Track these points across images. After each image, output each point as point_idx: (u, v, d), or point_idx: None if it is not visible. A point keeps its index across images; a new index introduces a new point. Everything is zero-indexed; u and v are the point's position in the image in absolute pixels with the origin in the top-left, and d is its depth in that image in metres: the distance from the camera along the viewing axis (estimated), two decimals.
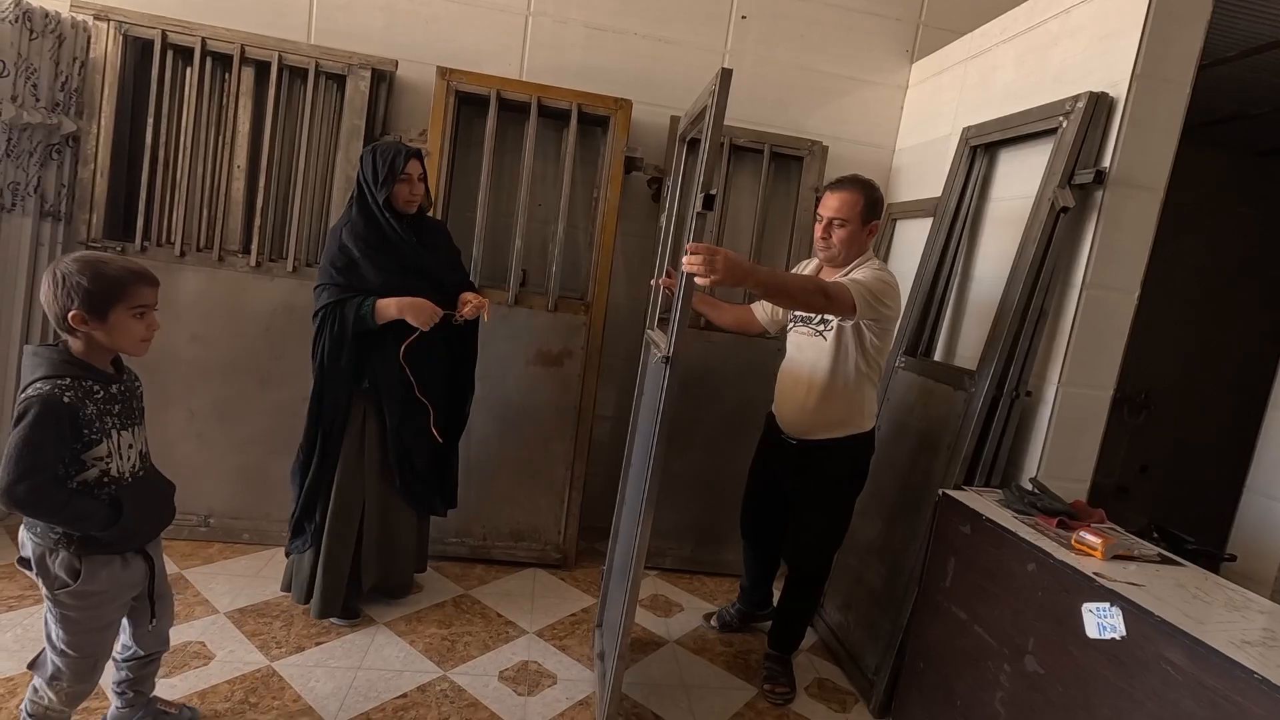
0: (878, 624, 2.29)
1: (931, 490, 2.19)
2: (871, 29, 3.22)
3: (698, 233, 1.66)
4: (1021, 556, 1.66)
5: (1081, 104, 1.96)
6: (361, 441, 2.17)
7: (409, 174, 2.08)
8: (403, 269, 2.11)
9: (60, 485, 1.34)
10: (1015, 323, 2.04)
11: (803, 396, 2.09)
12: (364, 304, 2.04)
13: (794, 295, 1.85)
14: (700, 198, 1.62)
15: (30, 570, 1.42)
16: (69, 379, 1.34)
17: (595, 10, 3.04)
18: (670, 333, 1.71)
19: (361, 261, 2.08)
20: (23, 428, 1.29)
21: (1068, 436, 2.08)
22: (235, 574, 2.48)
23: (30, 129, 2.51)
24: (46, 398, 1.30)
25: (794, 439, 2.14)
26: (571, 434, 2.87)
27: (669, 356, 1.69)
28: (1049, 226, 2.00)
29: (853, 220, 1.99)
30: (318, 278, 2.16)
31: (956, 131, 2.73)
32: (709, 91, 1.77)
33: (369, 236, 2.09)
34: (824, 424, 2.08)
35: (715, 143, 1.66)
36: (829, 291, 1.83)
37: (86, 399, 1.35)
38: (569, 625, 2.46)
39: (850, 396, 2.05)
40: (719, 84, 1.65)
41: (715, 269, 1.57)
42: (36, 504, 1.31)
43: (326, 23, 2.89)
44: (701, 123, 1.97)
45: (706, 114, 1.72)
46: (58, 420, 1.30)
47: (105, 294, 1.35)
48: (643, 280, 3.16)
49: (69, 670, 1.45)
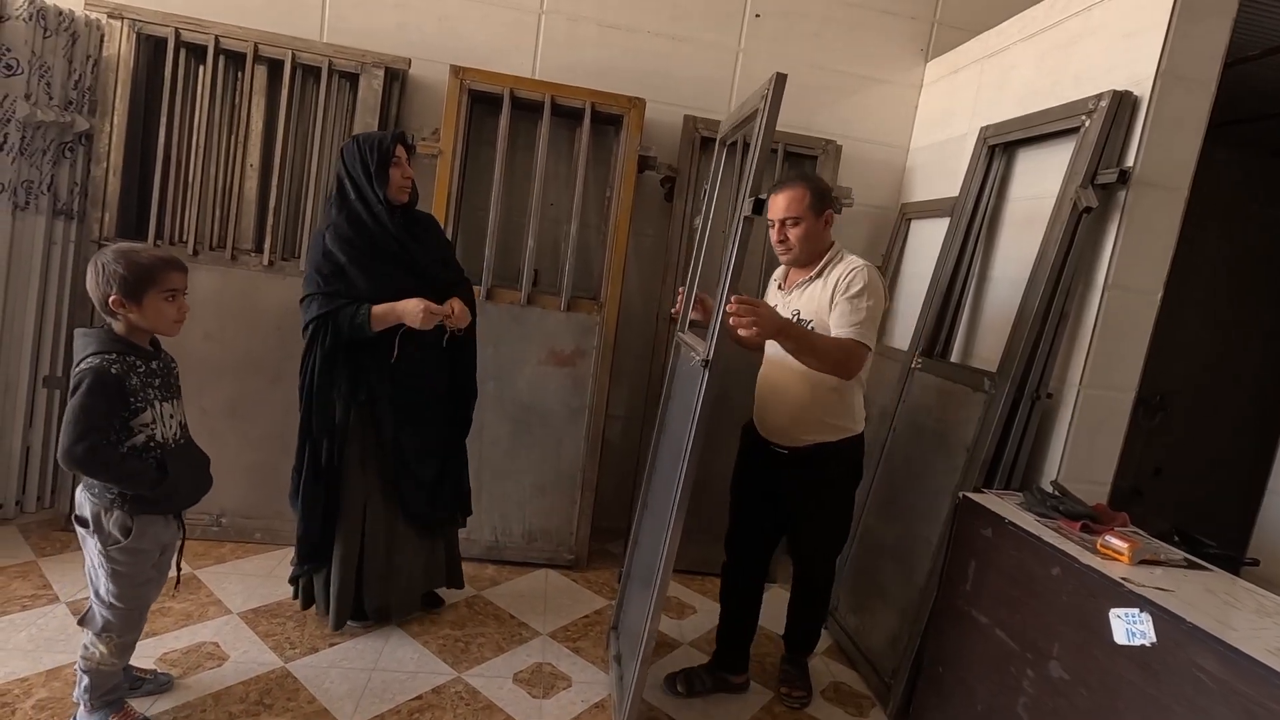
0: (894, 627, 2.27)
1: (948, 492, 2.17)
2: (886, 27, 3.19)
3: (743, 238, 1.65)
4: (1045, 561, 1.64)
5: (1105, 103, 1.94)
6: (363, 459, 2.07)
7: (399, 158, 2.00)
8: (393, 269, 2.00)
9: (113, 447, 1.50)
10: (1036, 324, 2.02)
11: (790, 402, 1.99)
12: (359, 312, 1.93)
13: (820, 356, 1.79)
14: (750, 201, 1.61)
15: (86, 528, 1.56)
16: (115, 354, 1.52)
17: (608, 9, 3.02)
18: (710, 335, 1.71)
19: (349, 267, 1.96)
20: (79, 396, 1.46)
21: (1088, 439, 2.05)
22: (248, 574, 2.48)
23: (43, 127, 2.51)
24: (97, 369, 1.48)
25: (784, 447, 2.02)
26: (584, 434, 2.85)
27: (708, 359, 1.68)
28: (1071, 227, 1.98)
29: (805, 215, 1.92)
30: (303, 287, 2.04)
31: (973, 130, 2.71)
32: (760, 95, 1.76)
33: (355, 239, 1.97)
34: (816, 428, 1.98)
35: (766, 148, 1.67)
36: (851, 349, 1.81)
37: (131, 372, 1.53)
38: (582, 627, 2.44)
39: (838, 398, 1.96)
40: (772, 88, 1.64)
41: (757, 323, 1.62)
42: (93, 463, 1.47)
43: (339, 21, 2.88)
44: (746, 127, 1.96)
45: (758, 118, 1.72)
46: (107, 388, 1.48)
47: (138, 280, 1.52)
48: (654, 279, 3.15)
49: (118, 620, 1.62)
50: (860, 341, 1.81)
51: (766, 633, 2.41)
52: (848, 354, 1.80)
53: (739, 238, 1.65)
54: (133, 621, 1.66)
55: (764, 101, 1.66)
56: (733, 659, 2.18)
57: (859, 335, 1.80)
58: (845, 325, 1.82)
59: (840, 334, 1.82)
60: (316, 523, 2.08)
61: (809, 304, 1.94)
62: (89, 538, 1.58)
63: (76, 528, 1.60)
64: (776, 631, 2.36)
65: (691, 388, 1.78)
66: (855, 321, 1.81)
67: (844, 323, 1.82)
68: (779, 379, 2.02)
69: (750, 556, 2.19)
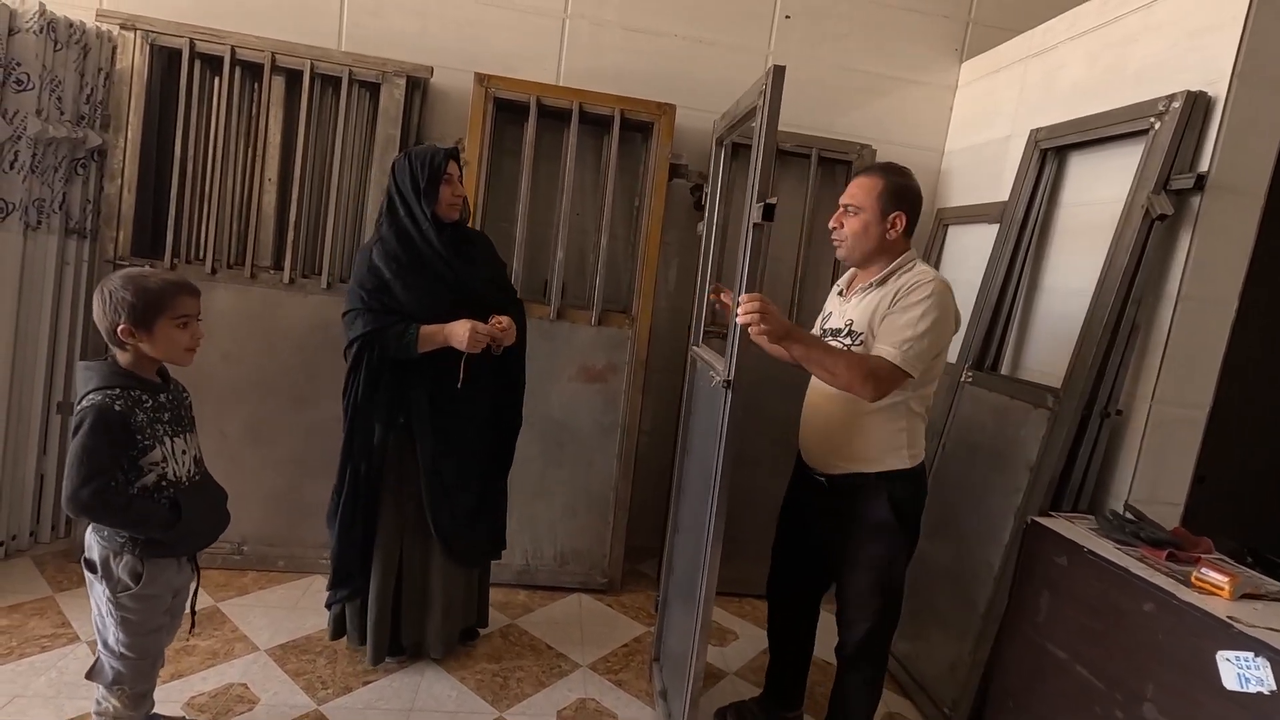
0: (952, 655, 2.17)
1: (1011, 514, 2.07)
2: (919, 27, 3.09)
3: (755, 246, 1.54)
4: (1135, 595, 1.54)
5: (1178, 104, 1.84)
6: (400, 485, 1.99)
7: (450, 174, 1.92)
8: (440, 288, 1.92)
9: (121, 489, 1.40)
10: (1106, 337, 1.91)
11: (824, 420, 1.78)
12: (407, 331, 1.87)
13: (831, 370, 1.57)
14: (758, 208, 1.50)
15: (94, 572, 1.47)
16: (118, 389, 1.41)
17: (634, 12, 2.92)
18: (730, 353, 1.59)
19: (394, 283, 1.88)
20: (80, 436, 1.36)
21: (1159, 458, 1.95)
22: (272, 605, 2.38)
23: (55, 144, 2.41)
24: (99, 406, 1.38)
25: (821, 474, 1.79)
26: (616, 452, 2.75)
27: (730, 381, 1.57)
28: (1142, 235, 1.87)
29: (867, 207, 1.68)
30: (346, 303, 1.96)
31: (1017, 133, 2.61)
32: (758, 91, 1.62)
33: (402, 255, 1.90)
34: (851, 454, 1.72)
35: (770, 146, 1.53)
36: (872, 370, 1.56)
37: (136, 407, 1.43)
38: (623, 657, 2.34)
39: (885, 424, 1.69)
40: (770, 82, 1.50)
41: (765, 321, 1.49)
42: (100, 507, 1.37)
43: (357, 29, 2.78)
44: (745, 125, 1.85)
45: (758, 115, 1.57)
46: (110, 427, 1.38)
47: (149, 307, 1.42)
48: (684, 290, 3.05)
49: (130, 671, 1.52)
50: (891, 363, 1.56)
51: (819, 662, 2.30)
52: (867, 374, 1.55)
53: (750, 246, 1.54)
54: (144, 671, 1.57)
55: (762, 98, 1.52)
56: (786, 693, 2.07)
57: (896, 356, 1.56)
58: (885, 341, 1.60)
59: (876, 351, 1.60)
60: (353, 547, 1.98)
61: (863, 314, 1.70)
62: (97, 583, 1.48)
63: (85, 571, 1.49)
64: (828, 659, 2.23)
65: (714, 409, 1.68)
66: (898, 340, 1.57)
67: (885, 338, 1.60)
68: (816, 392, 1.84)
69: (793, 604, 2.02)
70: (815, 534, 1.85)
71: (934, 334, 1.58)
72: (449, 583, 2.07)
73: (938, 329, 1.59)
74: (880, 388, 1.56)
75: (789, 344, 1.56)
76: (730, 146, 2.89)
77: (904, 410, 1.68)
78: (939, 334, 1.60)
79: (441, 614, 2.07)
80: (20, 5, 2.27)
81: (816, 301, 3.05)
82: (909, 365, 1.57)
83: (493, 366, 2.00)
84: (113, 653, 1.51)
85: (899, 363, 1.56)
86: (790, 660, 2.04)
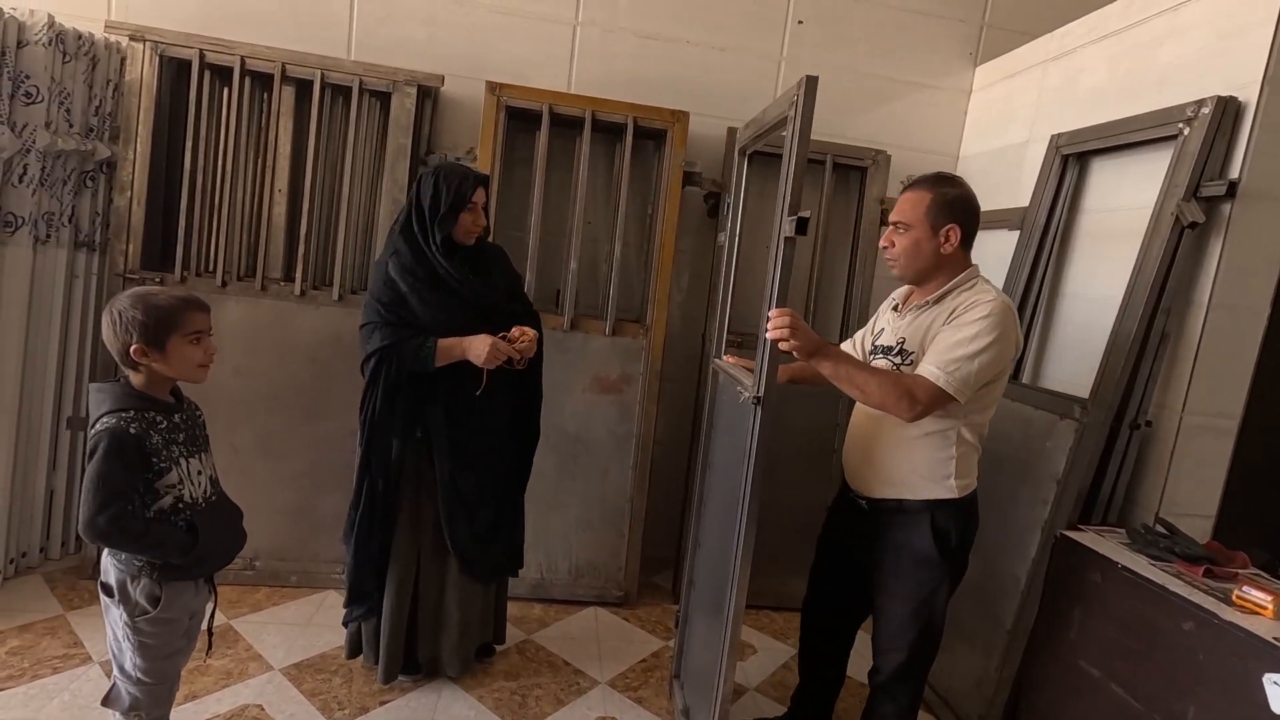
0: (979, 671, 2.13)
1: (1038, 527, 2.03)
2: (932, 31, 3.07)
3: (787, 260, 1.51)
4: (1174, 613, 1.50)
5: (1208, 109, 1.81)
6: (417, 500, 1.96)
7: (475, 203, 1.89)
8: (455, 302, 1.88)
9: (137, 514, 1.37)
10: (1135, 347, 1.87)
11: (867, 440, 1.70)
12: (425, 345, 1.84)
13: (865, 390, 1.51)
14: (791, 221, 1.46)
15: (111, 596, 1.43)
16: (132, 411, 1.38)
17: (646, 18, 2.90)
18: (759, 369, 1.56)
19: (410, 296, 1.86)
20: (95, 462, 1.33)
21: (1191, 470, 1.92)
22: (286, 622, 2.34)
23: (64, 156, 2.39)
24: (113, 430, 1.34)
25: (863, 498, 1.72)
26: (631, 464, 2.72)
27: (760, 397, 1.54)
28: (1172, 243, 1.84)
29: (916, 223, 1.60)
30: (362, 316, 1.94)
31: (1036, 138, 2.58)
32: (788, 101, 1.59)
33: (417, 269, 1.87)
34: (893, 479, 1.65)
35: (801, 158, 1.49)
36: (907, 389, 1.48)
37: (151, 429, 1.39)
38: (641, 673, 2.31)
39: (932, 450, 1.60)
40: (802, 93, 1.47)
41: (794, 337, 1.45)
42: (117, 533, 1.34)
43: (367, 37, 2.76)
44: (771, 135, 1.82)
45: (789, 126, 1.54)
46: (125, 451, 1.35)
47: (160, 324, 1.39)
48: (696, 297, 3.03)
49: (147, 697, 1.48)
50: (933, 384, 1.48)
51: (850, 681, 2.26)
52: (902, 393, 1.48)
53: (781, 260, 1.49)
54: (162, 697, 1.52)
55: (793, 109, 1.48)
56: (813, 716, 2.02)
57: (939, 378, 1.48)
58: (930, 360, 1.51)
59: (919, 369, 1.53)
60: (369, 564, 1.95)
61: (915, 332, 1.63)
62: (114, 607, 1.44)
63: (101, 595, 1.46)
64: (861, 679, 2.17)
65: (741, 424, 1.64)
66: (944, 360, 1.49)
67: (932, 357, 1.52)
68: (861, 411, 1.77)
69: (828, 629, 1.93)
70: (855, 558, 1.77)
71: (987, 357, 1.48)
72: (466, 599, 2.03)
73: (992, 352, 1.49)
74: (916, 408, 1.48)
75: (818, 360, 1.51)
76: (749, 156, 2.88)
77: (954, 437, 1.58)
78: (994, 358, 1.50)
79: (458, 631, 2.04)
80: (29, 18, 2.24)
81: (831, 310, 3.04)
82: (954, 388, 1.47)
83: (511, 379, 1.97)
84: (129, 678, 1.47)
85: (942, 384, 1.47)
86: (821, 686, 1.98)
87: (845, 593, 1.85)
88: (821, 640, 1.96)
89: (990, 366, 1.51)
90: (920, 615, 1.67)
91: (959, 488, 1.62)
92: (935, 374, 1.49)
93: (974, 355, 1.49)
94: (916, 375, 1.52)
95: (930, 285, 1.65)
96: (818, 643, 1.97)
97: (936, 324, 1.59)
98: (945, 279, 1.63)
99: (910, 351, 1.63)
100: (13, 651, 2.03)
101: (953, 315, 1.56)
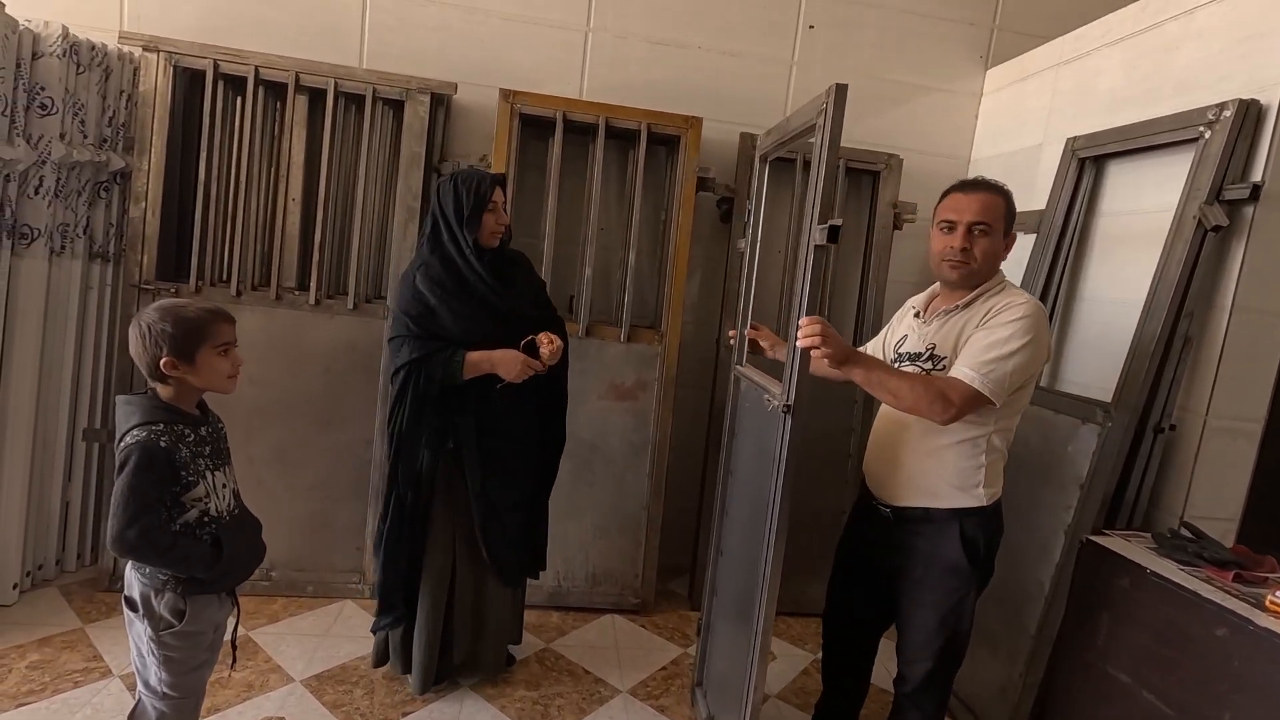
0: (1002, 677, 2.12)
1: (1059, 531, 2.03)
2: (943, 35, 3.07)
3: (817, 268, 1.51)
4: (1206, 620, 1.49)
5: (1229, 112, 1.81)
6: (450, 508, 1.96)
7: (494, 202, 1.90)
8: (483, 312, 1.90)
9: (164, 528, 1.37)
10: (1159, 350, 1.87)
11: (892, 447, 1.68)
12: (454, 358, 1.85)
13: (898, 394, 1.49)
14: (823, 229, 1.46)
15: (135, 610, 1.43)
16: (161, 424, 1.38)
17: (657, 24, 2.90)
18: (789, 376, 1.55)
19: (439, 308, 1.86)
20: (126, 475, 1.32)
21: (1215, 473, 1.91)
22: (305, 633, 2.33)
23: (79, 168, 2.38)
24: (144, 443, 1.34)
25: (886, 506, 1.69)
26: (647, 471, 2.71)
27: (790, 405, 1.53)
28: (1194, 246, 1.84)
29: (997, 227, 1.58)
30: (390, 329, 1.96)
31: (1050, 141, 2.58)
32: (815, 109, 1.59)
33: (446, 280, 1.88)
34: (920, 487, 1.63)
35: (832, 166, 1.50)
36: (940, 392, 1.47)
37: (179, 442, 1.39)
38: (662, 681, 2.30)
39: (961, 459, 1.58)
40: (833, 100, 1.48)
41: (826, 344, 1.43)
42: (147, 547, 1.34)
43: (379, 45, 2.76)
44: (796, 142, 1.82)
45: (818, 134, 1.54)
46: (156, 463, 1.34)
47: (190, 337, 1.39)
48: (708, 302, 3.03)
49: (172, 712, 1.48)
50: (968, 385, 1.47)
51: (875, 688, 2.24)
52: (936, 395, 1.46)
53: (811, 268, 1.49)
54: (187, 711, 1.51)
55: (822, 116, 1.49)
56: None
57: (975, 379, 1.47)
58: (965, 362, 1.50)
59: (953, 372, 1.52)
60: (398, 574, 1.96)
61: (947, 338, 1.61)
62: (138, 621, 1.43)
63: (125, 610, 1.46)
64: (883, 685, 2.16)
65: (768, 433, 1.63)
66: (979, 361, 1.48)
67: (966, 359, 1.50)
68: (885, 417, 1.76)
69: (851, 639, 1.92)
70: (877, 567, 1.75)
71: (1021, 359, 1.48)
72: (499, 604, 2.05)
73: (1026, 354, 1.48)
74: (950, 410, 1.46)
75: (849, 367, 1.50)
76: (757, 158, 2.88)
77: (984, 445, 1.58)
78: (1027, 361, 1.49)
79: (493, 634, 2.06)
80: (44, 29, 2.24)
81: (845, 315, 3.03)
82: (989, 389, 1.46)
83: (537, 385, 1.97)
84: (155, 693, 1.47)
85: (978, 386, 1.46)
86: (845, 695, 1.97)
87: (868, 602, 1.83)
88: (845, 650, 1.95)
89: (1024, 369, 1.51)
90: (948, 624, 1.66)
91: (987, 496, 1.61)
92: (970, 375, 1.48)
93: (1008, 356, 1.48)
94: (950, 377, 1.51)
95: (961, 290, 1.65)
96: (841, 652, 1.95)
97: (969, 328, 1.58)
98: (981, 282, 1.63)
99: (942, 357, 1.62)
100: (33, 666, 2.02)
101: (986, 318, 1.55)
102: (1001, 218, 1.60)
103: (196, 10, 2.64)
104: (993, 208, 1.60)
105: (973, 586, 1.65)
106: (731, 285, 2.83)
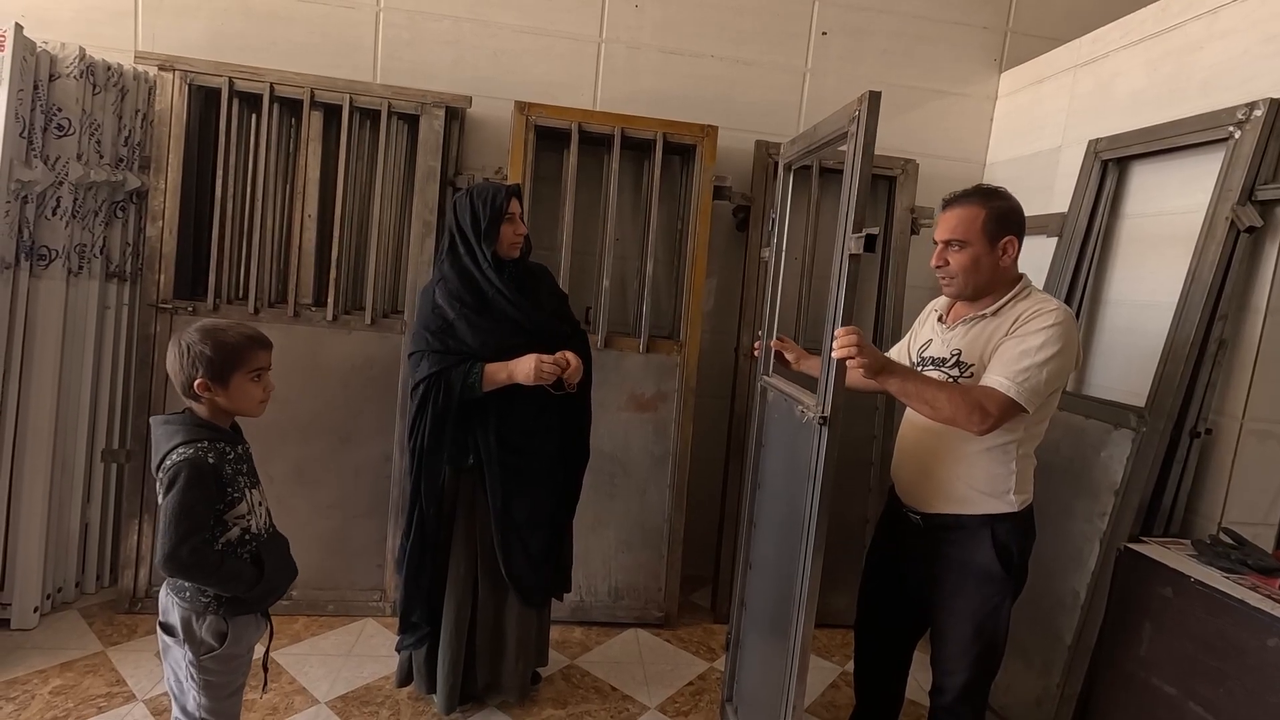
0: (1038, 688, 2.08)
1: (1094, 539, 2.00)
2: (957, 39, 3.05)
3: (852, 278, 1.48)
4: (1256, 629, 1.46)
5: (1259, 112, 1.78)
6: (471, 525, 1.93)
7: (511, 213, 1.87)
8: (503, 326, 1.88)
9: (212, 546, 1.37)
10: (1193, 354, 1.84)
11: (921, 455, 1.67)
12: (472, 371, 1.82)
13: (934, 405, 1.48)
14: (859, 238, 1.44)
15: (173, 636, 1.41)
16: (205, 441, 1.38)
17: (670, 34, 2.89)
18: (824, 387, 1.53)
19: (458, 323, 1.85)
20: (177, 492, 1.31)
21: (1253, 478, 1.88)
22: (327, 653, 2.31)
23: (95, 188, 2.38)
24: (193, 460, 1.34)
25: (916, 513, 1.68)
26: (669, 483, 2.69)
27: (826, 417, 1.50)
28: (1227, 248, 1.81)
29: (974, 240, 1.57)
30: (410, 344, 1.95)
31: (1069, 143, 2.57)
32: (847, 117, 1.56)
33: (465, 295, 1.86)
34: (951, 494, 1.62)
35: (865, 175, 1.47)
36: (977, 401, 1.46)
37: (222, 460, 1.39)
38: (690, 697, 2.26)
39: (991, 465, 1.58)
40: (865, 108, 1.46)
41: (862, 355, 1.42)
42: (197, 565, 1.33)
43: (393, 60, 2.76)
44: (822, 151, 1.79)
45: (851, 142, 1.52)
46: (204, 479, 1.35)
47: (226, 360, 1.40)
48: (725, 311, 3.01)
49: None
50: (1004, 394, 1.45)
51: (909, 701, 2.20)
52: (973, 405, 1.45)
53: (846, 278, 1.47)
54: None
55: (854, 124, 1.46)
56: None
57: (1010, 388, 1.45)
58: (998, 371, 1.48)
59: (986, 381, 1.49)
60: (420, 592, 1.92)
61: (973, 344, 1.60)
62: (176, 647, 1.41)
63: (161, 635, 1.43)
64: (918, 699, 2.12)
65: (801, 444, 1.60)
66: (1013, 370, 1.46)
67: (999, 368, 1.49)
68: (912, 424, 1.74)
69: (884, 650, 1.88)
70: (908, 576, 1.73)
71: (1055, 366, 1.47)
72: (522, 625, 2.00)
73: (1059, 361, 1.47)
74: (988, 421, 1.45)
75: (884, 378, 1.49)
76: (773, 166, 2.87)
77: (1014, 451, 1.57)
78: (1059, 367, 1.48)
79: (515, 656, 2.01)
80: (60, 50, 2.24)
81: (861, 320, 3.00)
82: (1024, 398, 1.45)
83: (559, 400, 1.94)
84: (193, 719, 1.45)
85: (1014, 395, 1.45)
86: (879, 708, 1.93)
87: (900, 611, 1.81)
88: (878, 661, 1.91)
89: (1057, 376, 1.49)
90: (984, 632, 1.63)
91: (1019, 501, 1.60)
92: (1005, 385, 1.46)
93: (1043, 364, 1.47)
94: (985, 387, 1.49)
95: (985, 299, 1.62)
96: (874, 664, 1.92)
97: (998, 335, 1.56)
98: (1002, 292, 1.61)
99: (969, 364, 1.60)
100: (56, 691, 1.99)
101: (1015, 326, 1.53)
102: (979, 228, 1.57)
103: (211, 29, 2.64)
104: (965, 221, 1.58)
105: (1008, 593, 1.63)
106: (749, 294, 2.82)
